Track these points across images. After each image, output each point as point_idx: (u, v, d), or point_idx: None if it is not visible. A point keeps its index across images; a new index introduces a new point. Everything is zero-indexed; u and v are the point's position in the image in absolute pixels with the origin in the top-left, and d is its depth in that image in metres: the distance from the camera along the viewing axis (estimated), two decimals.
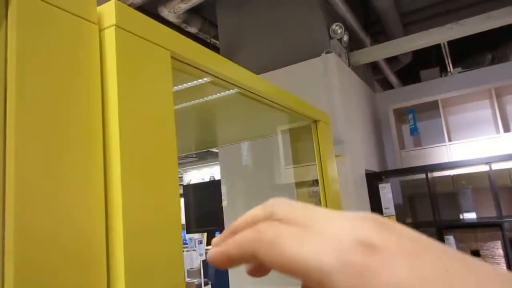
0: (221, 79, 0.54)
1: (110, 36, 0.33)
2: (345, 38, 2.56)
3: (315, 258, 0.17)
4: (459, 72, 3.46)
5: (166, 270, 0.35)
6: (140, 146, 0.34)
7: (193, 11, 2.81)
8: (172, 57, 0.43)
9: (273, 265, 0.18)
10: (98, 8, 0.33)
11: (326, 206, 0.91)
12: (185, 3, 2.42)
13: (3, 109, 0.23)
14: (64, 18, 0.28)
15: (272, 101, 0.69)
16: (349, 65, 2.70)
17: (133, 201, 0.32)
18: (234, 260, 0.20)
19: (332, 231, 0.17)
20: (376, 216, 0.18)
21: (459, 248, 2.58)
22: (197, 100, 0.71)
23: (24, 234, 0.23)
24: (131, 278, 0.30)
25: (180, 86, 0.59)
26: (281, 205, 0.20)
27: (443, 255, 0.16)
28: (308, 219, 0.18)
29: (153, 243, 0.34)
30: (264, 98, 0.66)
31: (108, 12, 0.34)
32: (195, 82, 0.58)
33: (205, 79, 0.56)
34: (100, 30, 0.33)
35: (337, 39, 2.46)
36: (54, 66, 0.27)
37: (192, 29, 2.90)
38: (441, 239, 2.64)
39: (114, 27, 0.34)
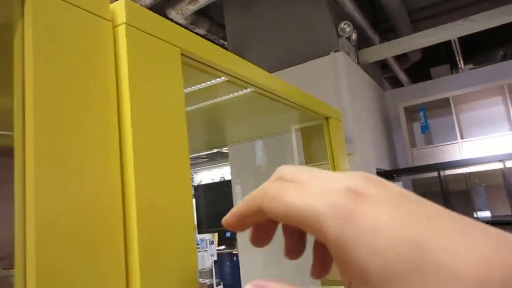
0: (231, 75, 0.54)
1: (121, 33, 0.33)
2: (354, 36, 2.54)
3: (311, 205, 0.18)
4: (470, 69, 3.41)
5: (180, 269, 0.35)
6: (152, 143, 0.34)
7: (201, 13, 2.82)
8: (182, 54, 0.43)
9: (276, 216, 0.20)
10: (111, 5, 0.33)
11: None
12: (193, 5, 2.44)
13: (21, 105, 0.23)
14: (80, 15, 0.28)
15: (284, 98, 0.68)
16: (358, 63, 2.68)
17: (146, 198, 0.32)
18: (245, 218, 0.23)
19: (328, 184, 0.19)
20: (372, 175, 0.20)
21: None
22: (207, 100, 0.71)
23: (42, 233, 0.23)
24: (146, 277, 0.30)
25: (191, 88, 0.59)
26: (287, 168, 0.22)
27: (427, 207, 0.17)
28: (310, 177, 0.20)
29: (167, 242, 0.34)
30: (276, 95, 0.66)
31: (119, 10, 0.34)
32: (205, 81, 0.58)
33: (217, 79, 0.56)
34: (114, 27, 0.33)
35: (346, 37, 2.45)
36: (70, 63, 0.27)
37: (200, 31, 2.92)
38: None
39: (124, 25, 0.34)
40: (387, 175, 2.70)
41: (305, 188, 0.19)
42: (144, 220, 0.31)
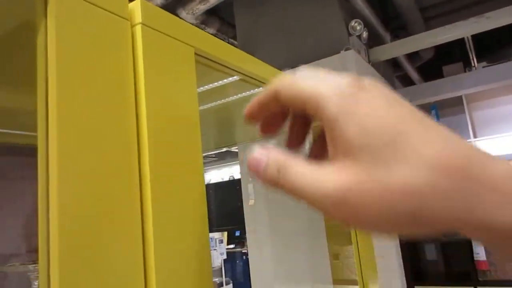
0: (243, 74, 0.55)
1: (138, 33, 0.34)
2: (365, 34, 2.52)
3: (318, 88, 0.22)
4: (483, 67, 3.35)
5: (194, 267, 0.35)
6: (166, 140, 0.35)
7: (211, 12, 2.83)
8: (195, 53, 0.43)
9: (286, 99, 0.23)
10: (129, 5, 0.34)
11: None
12: (204, 4, 2.45)
13: (44, 103, 0.24)
14: (100, 15, 0.29)
15: None
16: (369, 61, 2.66)
17: (161, 194, 0.33)
18: (263, 105, 0.26)
19: (337, 77, 0.22)
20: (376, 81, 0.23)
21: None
22: (219, 99, 0.72)
23: (65, 230, 0.24)
24: (162, 274, 0.31)
25: (203, 88, 0.60)
26: (305, 69, 0.25)
27: (417, 111, 0.21)
28: (323, 73, 0.23)
29: (181, 240, 0.34)
30: None
31: (135, 10, 0.34)
32: (218, 80, 0.59)
33: (230, 78, 0.56)
34: (132, 27, 0.34)
35: (356, 35, 2.43)
36: (92, 62, 0.28)
37: (211, 30, 2.93)
38: (468, 238, 2.56)
39: (140, 25, 0.34)
40: None
41: (316, 78, 0.23)
42: (159, 216, 0.32)
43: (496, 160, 0.18)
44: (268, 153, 0.23)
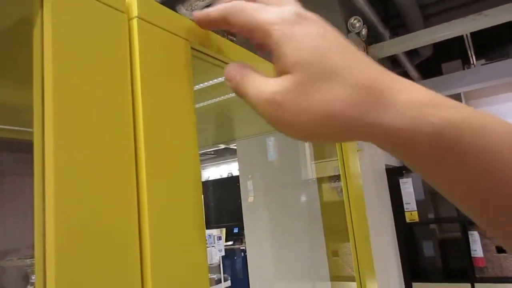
0: None
1: (134, 26, 0.33)
2: (364, 31, 2.52)
3: (265, 17, 0.25)
4: (482, 64, 3.35)
5: (190, 264, 0.35)
6: (162, 135, 0.35)
7: None
8: (192, 48, 0.43)
9: (235, 26, 0.28)
10: None
11: (349, 203, 0.90)
12: (203, 1, 2.44)
13: (40, 99, 0.24)
14: (97, 8, 0.29)
15: None
16: None
17: (156, 193, 0.32)
18: (211, 21, 0.31)
19: (284, 7, 0.26)
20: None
21: (484, 244, 2.52)
22: (217, 95, 0.71)
23: (61, 227, 0.24)
24: (158, 271, 0.31)
25: (203, 84, 0.59)
26: None
27: (351, 45, 0.25)
28: (270, 3, 0.27)
29: (177, 238, 0.34)
30: None
31: (132, 3, 0.34)
32: (216, 76, 0.58)
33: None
34: (129, 20, 0.34)
35: (356, 32, 2.43)
36: (88, 56, 0.28)
37: None
38: (465, 235, 2.57)
39: (136, 18, 0.34)
40: (397, 171, 2.68)
41: (265, 8, 0.26)
42: (156, 213, 0.32)
43: (411, 88, 0.24)
44: (238, 66, 0.28)
